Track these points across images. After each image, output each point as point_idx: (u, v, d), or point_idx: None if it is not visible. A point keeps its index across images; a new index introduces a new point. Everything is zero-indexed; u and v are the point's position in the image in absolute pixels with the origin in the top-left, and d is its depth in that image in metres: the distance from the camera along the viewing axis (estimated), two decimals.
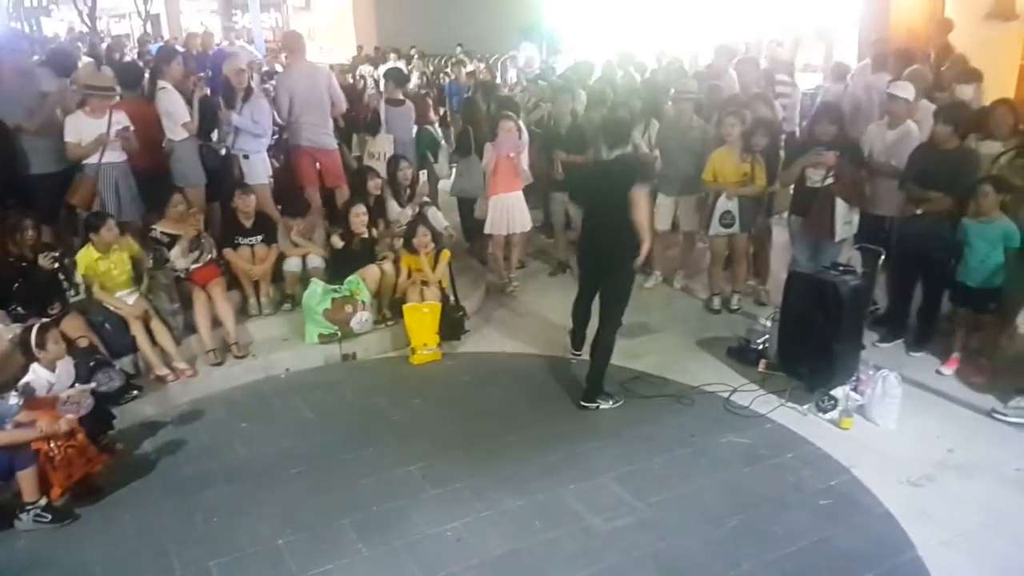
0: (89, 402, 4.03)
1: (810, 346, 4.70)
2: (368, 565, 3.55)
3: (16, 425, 3.81)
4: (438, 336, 5.59)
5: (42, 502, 3.81)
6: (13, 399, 3.85)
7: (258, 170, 6.42)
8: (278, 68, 8.59)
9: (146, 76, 6.68)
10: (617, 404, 4.81)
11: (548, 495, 3.98)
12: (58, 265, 4.88)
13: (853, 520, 3.76)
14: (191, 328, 5.41)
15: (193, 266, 5.46)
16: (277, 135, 6.96)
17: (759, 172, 5.88)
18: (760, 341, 5.30)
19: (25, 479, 3.76)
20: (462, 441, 4.51)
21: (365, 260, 5.85)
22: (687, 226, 6.62)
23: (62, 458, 3.79)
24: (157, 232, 5.46)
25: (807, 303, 4.76)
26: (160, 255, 5.40)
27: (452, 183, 7.68)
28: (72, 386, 4.11)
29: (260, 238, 5.80)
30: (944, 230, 4.97)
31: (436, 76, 13.81)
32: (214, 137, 6.40)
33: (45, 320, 4.44)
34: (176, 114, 5.96)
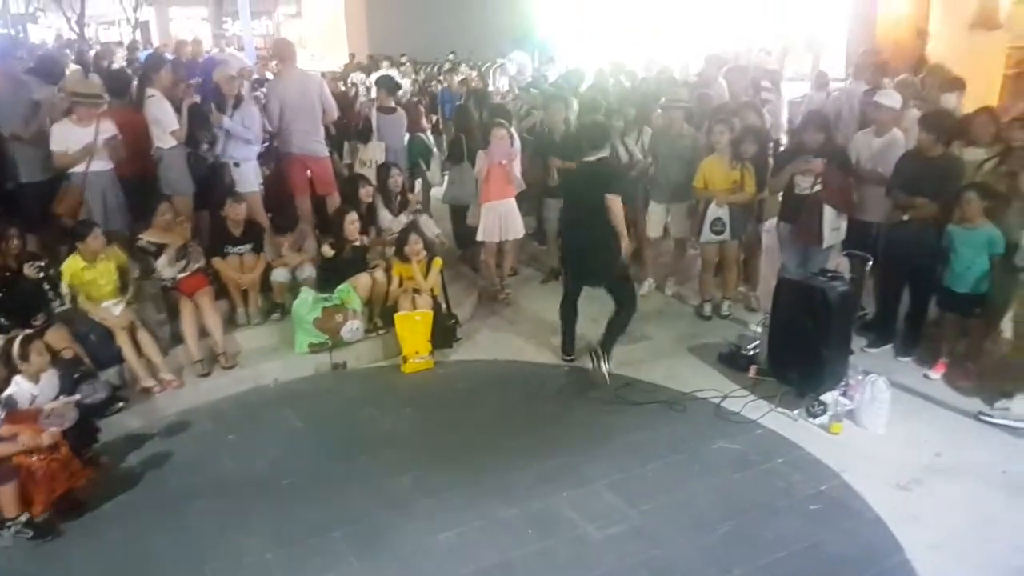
0: (73, 415, 3.98)
1: (800, 352, 4.72)
2: None
3: None
4: (430, 344, 5.57)
5: (23, 518, 3.75)
6: None
7: (249, 178, 6.40)
8: (269, 76, 8.56)
9: (135, 84, 6.66)
10: (608, 371, 5.14)
11: (541, 503, 3.97)
12: (43, 275, 4.84)
13: (843, 525, 3.77)
14: (178, 338, 5.36)
15: (180, 275, 5.42)
16: (268, 142, 6.94)
17: (748, 179, 5.92)
18: (751, 347, 5.32)
19: (5, 494, 3.70)
20: (454, 450, 4.50)
21: (356, 268, 5.83)
22: (678, 233, 6.64)
23: (44, 473, 3.74)
24: (144, 241, 5.42)
25: (796, 309, 4.79)
26: (147, 264, 5.37)
27: (444, 191, 7.68)
28: (56, 398, 4.06)
29: (249, 247, 5.77)
30: (930, 236, 5.01)
31: (428, 84, 13.82)
32: (203, 146, 6.37)
33: (29, 331, 4.38)
34: (164, 122, 5.94)
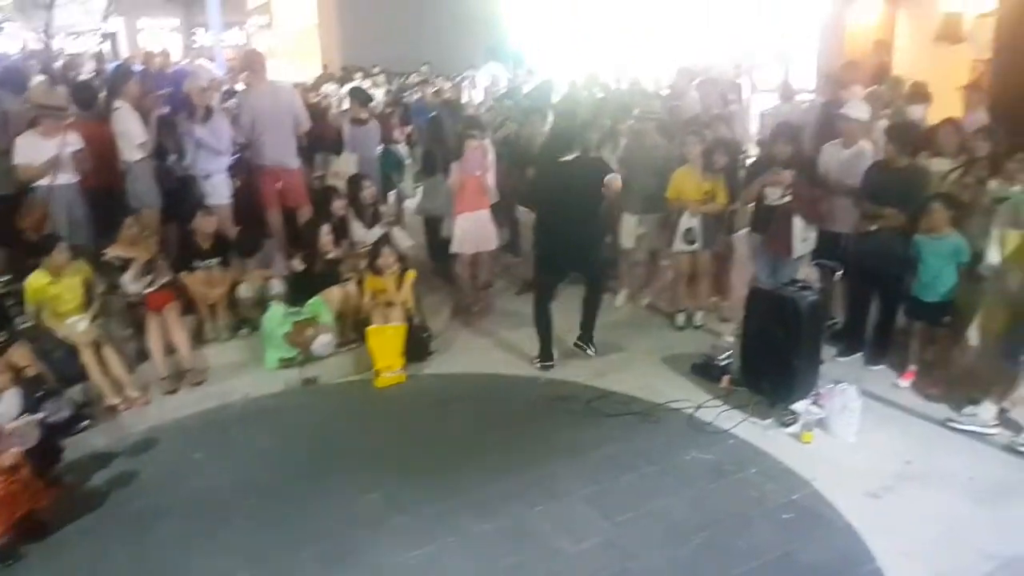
0: (35, 434, 3.92)
1: (771, 361, 4.75)
2: None
3: None
4: (403, 358, 5.53)
5: None
6: None
7: (219, 190, 6.34)
8: (240, 87, 8.50)
9: (102, 95, 6.57)
10: (592, 354, 5.60)
11: (515, 518, 3.94)
12: (6, 290, 4.74)
13: (815, 533, 3.79)
14: (144, 355, 5.30)
15: (146, 290, 5.34)
16: (238, 154, 6.88)
17: (720, 190, 5.97)
18: (723, 357, 5.34)
19: None
20: (427, 465, 4.45)
21: (327, 282, 5.78)
22: (651, 244, 6.68)
23: (5, 494, 3.64)
24: (110, 256, 5.34)
25: (767, 319, 4.82)
26: (113, 279, 5.28)
27: (418, 202, 7.65)
28: (18, 418, 3.97)
29: (217, 261, 5.69)
30: (898, 246, 5.07)
31: (401, 95, 13.79)
32: (171, 158, 6.30)
33: None
34: (132, 134, 5.87)
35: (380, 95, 12.77)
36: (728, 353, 5.32)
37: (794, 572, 3.54)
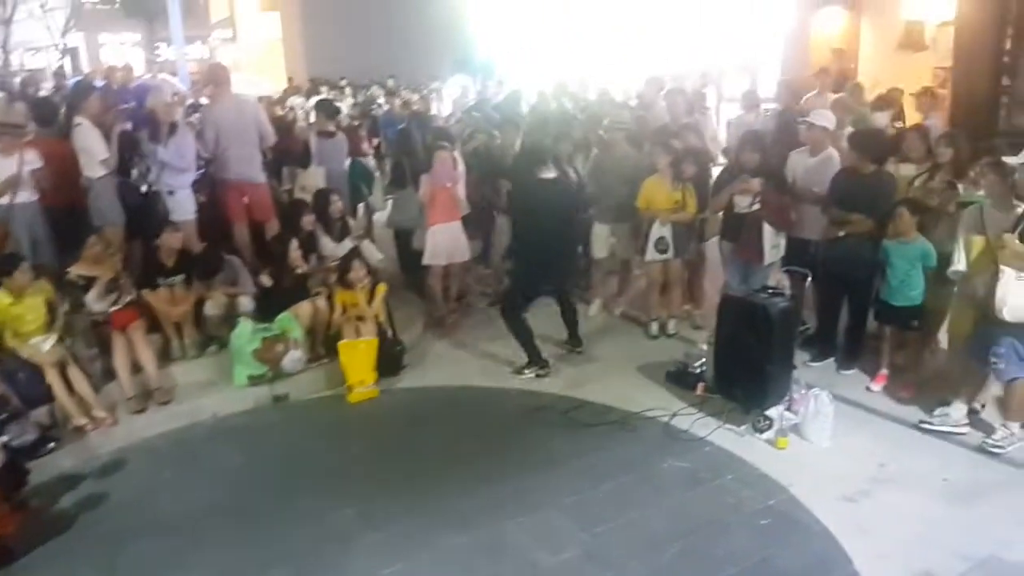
0: (0, 458, 3.77)
1: (744, 368, 4.78)
2: None
3: None
4: (375, 372, 5.46)
5: None
6: None
7: (184, 206, 6.23)
8: (204, 101, 8.39)
9: (62, 112, 6.45)
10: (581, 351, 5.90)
11: (492, 531, 3.90)
12: None
13: (792, 539, 3.80)
14: (110, 374, 5.17)
15: (111, 309, 5.22)
16: (203, 169, 6.77)
17: (690, 199, 6.01)
18: (697, 365, 5.36)
19: None
20: (402, 480, 4.39)
21: (296, 297, 5.70)
22: (624, 253, 6.70)
23: None
24: (73, 275, 5.21)
25: (740, 326, 4.85)
26: (77, 299, 5.16)
27: (388, 215, 7.60)
28: None
29: (181, 278, 5.58)
30: (866, 251, 5.14)
31: (368, 107, 13.73)
32: (134, 174, 6.19)
33: None
34: (93, 150, 5.76)
35: (346, 106, 12.72)
36: (702, 361, 5.34)
37: None
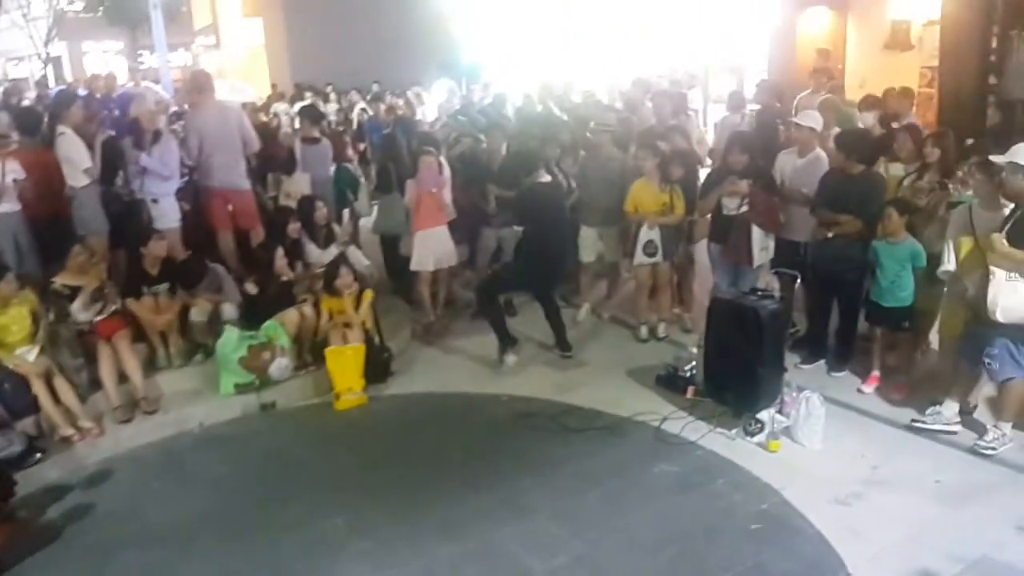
0: None
1: (735, 371, 4.75)
2: None
3: None
4: (363, 379, 5.41)
5: None
6: None
7: (168, 213, 6.18)
8: (187, 108, 8.35)
9: (45, 121, 6.39)
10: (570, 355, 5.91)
11: (482, 539, 3.86)
12: None
13: (785, 542, 3.78)
14: (96, 384, 5.13)
15: (96, 318, 5.17)
16: (187, 177, 6.72)
17: (677, 201, 6.00)
18: (687, 368, 5.34)
19: None
20: (391, 489, 4.35)
21: (283, 304, 5.65)
22: (612, 257, 6.68)
23: None
24: (58, 284, 5.16)
25: (730, 328, 4.82)
26: (62, 308, 5.10)
27: (374, 221, 7.55)
28: None
29: (166, 286, 5.53)
30: (855, 252, 5.13)
31: (351, 112, 13.69)
32: (119, 182, 6.14)
33: None
34: (76, 160, 5.73)
35: (332, 111, 12.67)
36: (692, 364, 5.32)
37: None
